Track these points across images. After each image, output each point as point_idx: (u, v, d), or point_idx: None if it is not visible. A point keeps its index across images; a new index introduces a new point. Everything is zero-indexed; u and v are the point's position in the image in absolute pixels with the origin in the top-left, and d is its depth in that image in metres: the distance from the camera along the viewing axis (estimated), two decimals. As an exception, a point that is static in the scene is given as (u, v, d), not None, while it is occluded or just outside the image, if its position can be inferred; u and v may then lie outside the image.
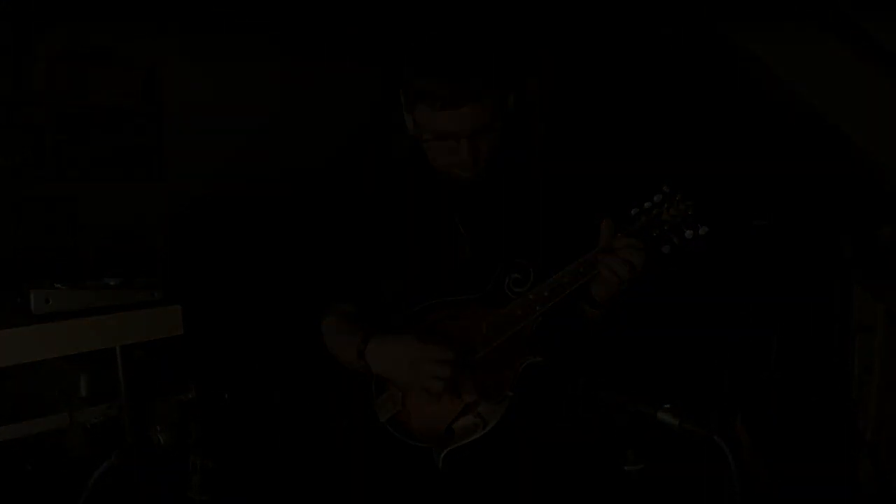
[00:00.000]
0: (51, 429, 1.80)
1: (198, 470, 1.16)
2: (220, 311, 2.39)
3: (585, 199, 1.46)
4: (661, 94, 3.00)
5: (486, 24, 2.85)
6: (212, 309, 2.31)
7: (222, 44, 4.43)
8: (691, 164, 2.31)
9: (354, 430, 1.49)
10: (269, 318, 2.22)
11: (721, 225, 1.32)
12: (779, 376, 2.25)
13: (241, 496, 1.88)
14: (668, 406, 1.08)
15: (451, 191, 1.45)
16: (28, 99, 3.58)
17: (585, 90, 3.18)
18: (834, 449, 2.15)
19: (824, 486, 1.89)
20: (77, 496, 1.10)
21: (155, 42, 4.12)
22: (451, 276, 1.40)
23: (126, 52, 4.00)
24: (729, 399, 1.79)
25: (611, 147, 2.87)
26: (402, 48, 1.45)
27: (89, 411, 1.85)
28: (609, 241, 1.32)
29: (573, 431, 1.31)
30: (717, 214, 1.30)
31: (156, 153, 4.11)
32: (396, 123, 1.44)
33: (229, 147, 4.51)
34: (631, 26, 3.10)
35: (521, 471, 1.32)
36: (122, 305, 1.79)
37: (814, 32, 2.55)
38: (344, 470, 1.48)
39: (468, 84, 1.27)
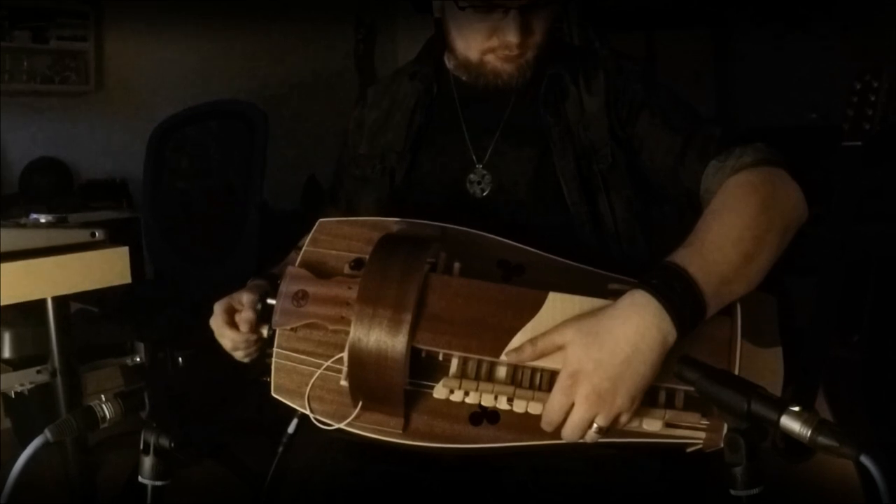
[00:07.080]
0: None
1: (150, 450, 0.98)
2: (176, 253, 2.12)
3: None
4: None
5: None
6: (165, 250, 2.04)
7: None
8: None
9: None
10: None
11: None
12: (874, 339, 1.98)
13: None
14: (796, 409, 0.76)
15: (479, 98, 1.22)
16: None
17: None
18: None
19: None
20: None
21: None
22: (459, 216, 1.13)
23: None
24: (808, 369, 1.52)
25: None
26: None
27: (14, 376, 1.69)
28: None
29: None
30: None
31: (94, 60, 3.59)
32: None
33: (180, 54, 3.99)
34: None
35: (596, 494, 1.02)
36: (55, 248, 1.62)
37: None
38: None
39: None
